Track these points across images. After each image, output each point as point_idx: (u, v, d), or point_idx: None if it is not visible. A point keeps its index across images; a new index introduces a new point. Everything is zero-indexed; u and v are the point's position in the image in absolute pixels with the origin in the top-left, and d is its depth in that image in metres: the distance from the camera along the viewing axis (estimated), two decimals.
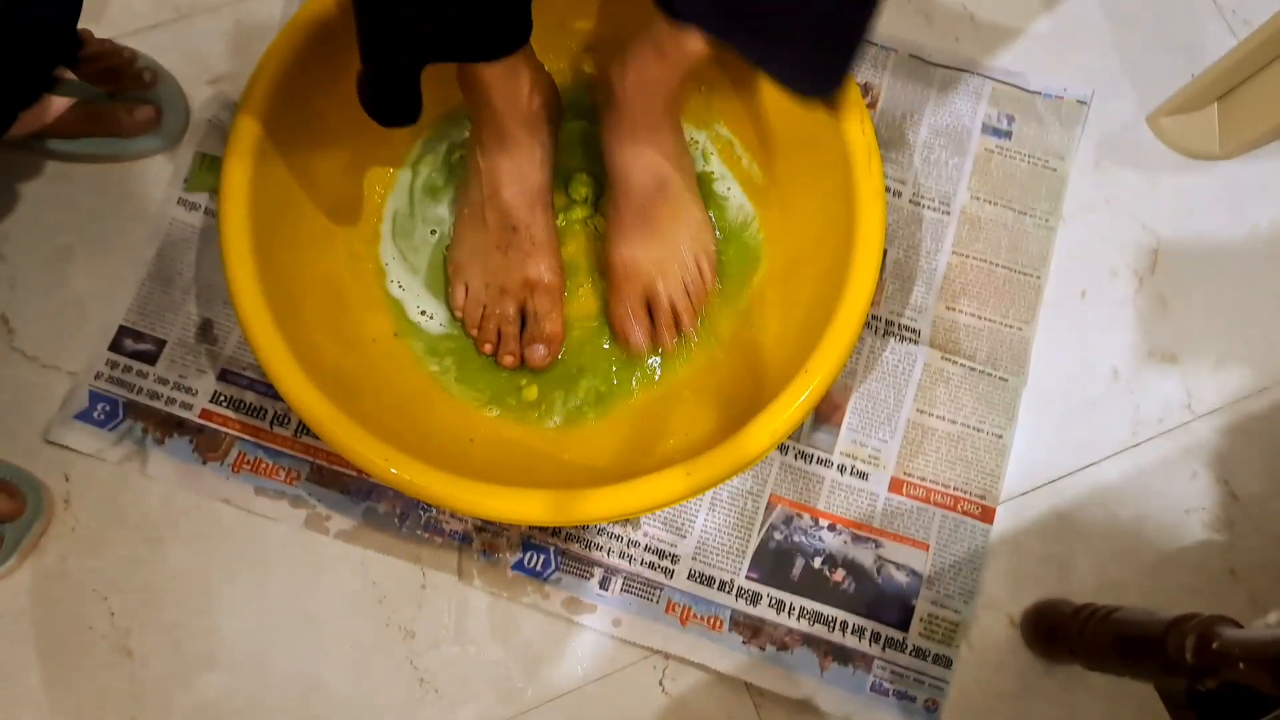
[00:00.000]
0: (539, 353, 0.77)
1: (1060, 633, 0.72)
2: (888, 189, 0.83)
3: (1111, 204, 0.87)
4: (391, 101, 0.67)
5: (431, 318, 0.79)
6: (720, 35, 0.62)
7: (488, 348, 0.78)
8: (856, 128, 0.71)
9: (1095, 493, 0.80)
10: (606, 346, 0.79)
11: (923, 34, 0.90)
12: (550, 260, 0.77)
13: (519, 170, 0.73)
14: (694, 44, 0.65)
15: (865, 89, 0.87)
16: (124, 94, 0.81)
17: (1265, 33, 0.76)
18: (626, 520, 0.76)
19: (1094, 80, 0.90)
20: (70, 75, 0.80)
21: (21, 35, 0.66)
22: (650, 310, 0.77)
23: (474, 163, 0.75)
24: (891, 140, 0.86)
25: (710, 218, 0.80)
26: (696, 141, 0.83)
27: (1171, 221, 0.87)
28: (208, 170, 0.82)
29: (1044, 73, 0.89)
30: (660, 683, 0.74)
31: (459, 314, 0.79)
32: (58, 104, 0.79)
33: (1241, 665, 0.55)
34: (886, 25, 0.90)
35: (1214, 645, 0.57)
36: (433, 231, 0.81)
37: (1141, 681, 0.66)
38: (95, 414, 0.76)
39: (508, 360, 0.77)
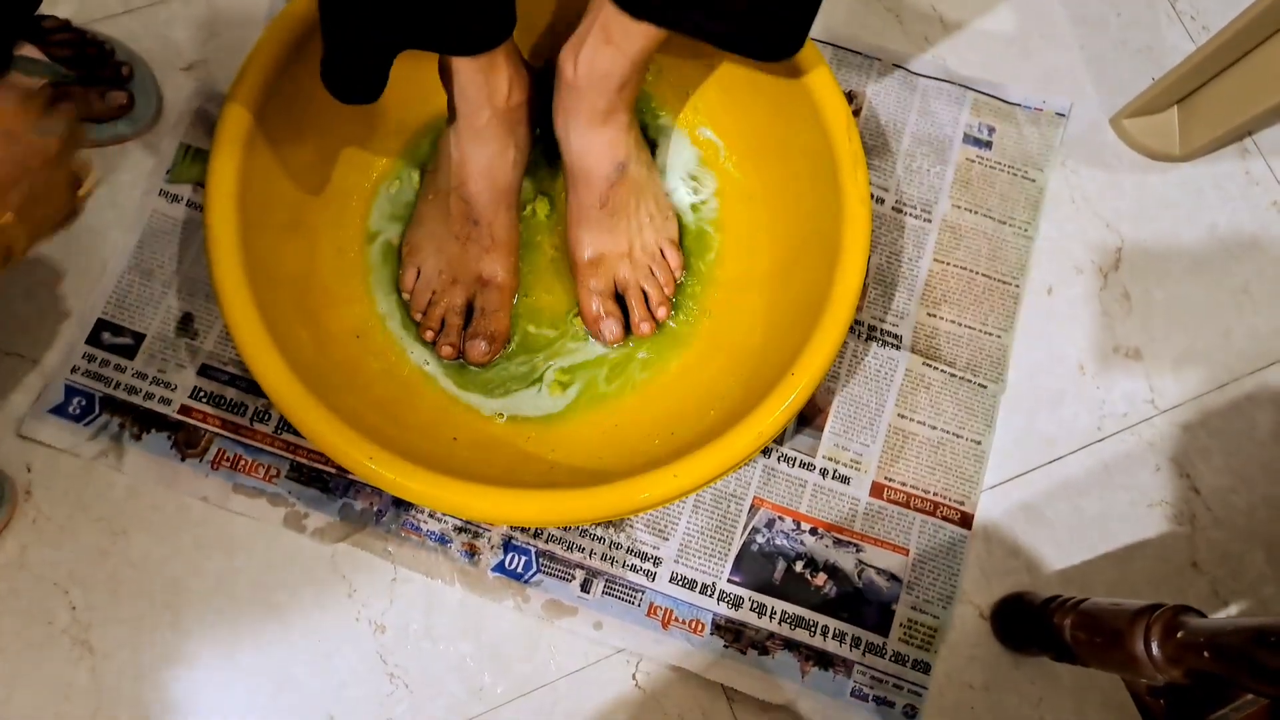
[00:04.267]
0: (480, 348, 0.76)
1: (1029, 625, 0.72)
2: (871, 195, 0.84)
3: (1076, 203, 0.89)
4: (356, 81, 0.65)
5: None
6: (672, 26, 0.62)
7: (429, 334, 0.76)
8: (843, 136, 0.72)
9: (1063, 486, 0.81)
10: (593, 345, 0.79)
11: (893, 33, 0.92)
12: (506, 260, 0.76)
13: (490, 166, 0.72)
14: (644, 33, 0.64)
15: (850, 97, 0.88)
16: (96, 78, 0.80)
17: (1222, 39, 0.78)
18: (610, 522, 0.76)
19: (1059, 82, 0.92)
20: (42, 56, 0.79)
21: None
22: (622, 299, 0.77)
23: (445, 150, 0.74)
24: (875, 148, 0.87)
25: (669, 198, 0.80)
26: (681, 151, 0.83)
27: (1134, 220, 0.89)
28: (192, 162, 0.81)
29: (1020, 82, 0.91)
30: (633, 676, 0.74)
31: (406, 295, 0.77)
32: (27, 85, 0.77)
33: (1206, 654, 0.55)
34: (861, 28, 0.91)
35: (1179, 635, 0.58)
36: None
37: (1108, 672, 0.66)
38: (71, 408, 0.74)
39: (446, 350, 0.76)
